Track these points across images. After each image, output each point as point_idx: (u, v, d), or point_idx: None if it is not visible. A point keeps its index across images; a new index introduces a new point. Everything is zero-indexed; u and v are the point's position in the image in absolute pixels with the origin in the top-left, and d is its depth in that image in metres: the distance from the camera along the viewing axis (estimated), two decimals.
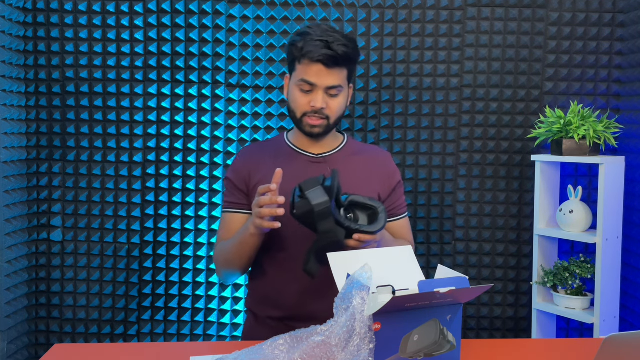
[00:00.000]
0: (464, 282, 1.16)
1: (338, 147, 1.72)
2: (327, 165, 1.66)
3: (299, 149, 1.70)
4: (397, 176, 1.74)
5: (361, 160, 1.72)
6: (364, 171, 1.69)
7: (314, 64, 1.56)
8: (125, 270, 2.53)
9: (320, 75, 1.57)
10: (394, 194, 1.72)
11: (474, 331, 2.59)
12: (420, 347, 1.13)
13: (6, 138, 2.32)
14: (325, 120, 1.61)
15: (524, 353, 1.43)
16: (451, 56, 2.51)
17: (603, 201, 2.21)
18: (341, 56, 1.56)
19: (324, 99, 1.58)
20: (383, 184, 1.70)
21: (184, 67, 2.49)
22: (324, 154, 1.69)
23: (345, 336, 1.08)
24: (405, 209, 1.77)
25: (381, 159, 1.75)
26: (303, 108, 1.61)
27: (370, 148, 1.80)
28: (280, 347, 1.15)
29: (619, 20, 2.48)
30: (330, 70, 1.57)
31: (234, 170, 1.71)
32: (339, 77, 1.59)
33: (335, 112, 1.62)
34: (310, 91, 1.59)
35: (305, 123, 1.62)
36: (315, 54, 1.54)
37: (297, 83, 1.60)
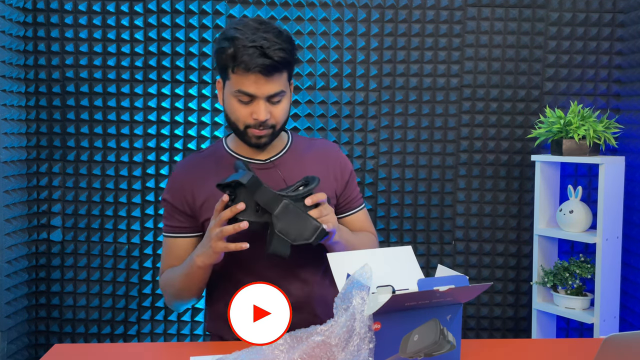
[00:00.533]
0: (463, 281, 1.16)
1: (285, 148, 1.56)
2: (277, 169, 1.51)
3: (242, 157, 1.52)
4: (348, 167, 1.61)
5: (311, 157, 1.57)
6: (317, 168, 1.55)
7: (250, 74, 1.37)
8: (125, 270, 2.53)
9: (259, 85, 1.39)
10: (348, 187, 1.59)
11: (474, 331, 2.59)
12: (420, 347, 1.13)
13: (6, 138, 2.32)
14: (271, 130, 1.45)
15: (524, 353, 1.43)
16: (451, 56, 2.51)
17: (603, 201, 2.21)
18: (279, 63, 1.37)
19: (267, 108, 1.42)
20: (337, 178, 1.57)
21: (184, 67, 2.49)
22: (272, 158, 1.53)
23: (345, 336, 1.08)
24: (361, 200, 1.64)
25: (330, 151, 1.60)
26: (245, 120, 1.43)
27: (317, 142, 1.63)
28: (280, 347, 1.14)
29: (619, 20, 2.48)
30: (270, 78, 1.39)
31: (171, 189, 1.53)
32: (280, 83, 1.41)
33: (281, 118, 1.46)
34: (249, 102, 1.41)
35: (250, 135, 1.45)
36: (251, 64, 1.36)
37: (234, 94, 1.42)
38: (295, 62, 1.47)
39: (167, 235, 1.55)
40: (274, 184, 1.48)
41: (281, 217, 1.31)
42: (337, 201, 1.59)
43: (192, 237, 1.52)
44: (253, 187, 1.28)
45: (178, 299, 1.52)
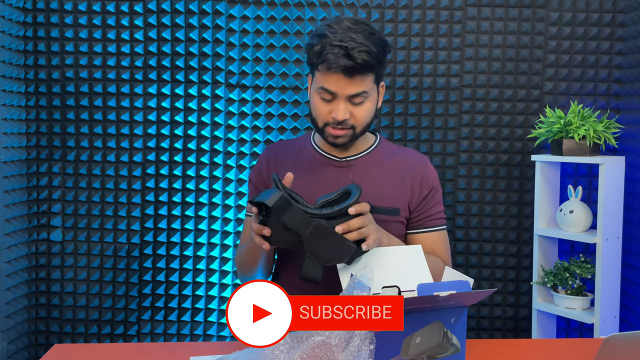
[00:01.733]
0: (465, 286, 1.15)
1: (366, 151, 1.55)
2: (349, 170, 1.51)
3: (322, 151, 1.54)
4: (431, 182, 1.54)
5: (390, 165, 1.54)
6: (392, 177, 1.52)
7: (332, 73, 1.38)
8: (125, 270, 2.53)
9: (341, 85, 1.39)
10: (425, 203, 1.53)
11: (474, 331, 2.59)
12: (422, 349, 1.12)
13: (6, 138, 2.32)
14: (351, 130, 1.45)
15: (524, 353, 1.43)
16: (451, 56, 2.51)
17: (603, 201, 2.21)
18: (361, 65, 1.37)
19: (347, 108, 1.41)
20: (414, 190, 1.52)
21: (184, 67, 2.49)
22: (348, 158, 1.53)
23: (346, 337, 1.08)
24: (439, 222, 1.55)
25: (414, 164, 1.54)
26: (324, 118, 1.44)
27: (404, 152, 1.58)
28: (280, 347, 1.14)
29: (619, 20, 2.48)
30: (352, 78, 1.38)
31: (255, 170, 1.60)
32: (363, 84, 1.40)
33: (362, 120, 1.44)
34: (331, 100, 1.42)
35: (327, 133, 1.46)
36: (333, 63, 1.36)
37: (317, 90, 1.43)
38: (383, 64, 1.44)
39: (247, 215, 1.60)
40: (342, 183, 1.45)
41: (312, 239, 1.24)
42: (410, 215, 1.53)
43: None
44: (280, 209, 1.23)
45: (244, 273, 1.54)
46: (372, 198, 1.40)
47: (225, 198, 2.52)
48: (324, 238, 1.24)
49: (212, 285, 2.54)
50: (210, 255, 2.54)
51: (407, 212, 1.53)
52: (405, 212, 1.52)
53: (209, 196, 2.52)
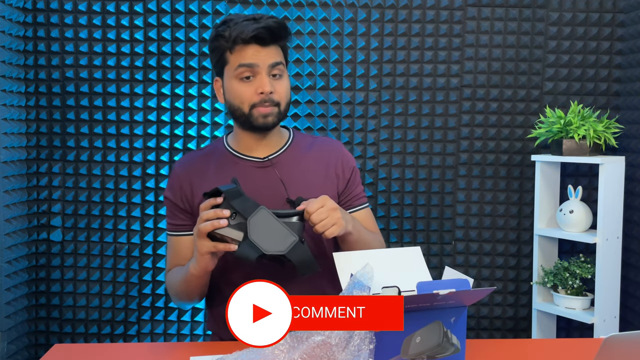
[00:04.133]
0: (465, 284, 1.15)
1: (284, 146, 1.55)
2: (273, 168, 1.50)
3: (241, 155, 1.52)
4: (350, 164, 1.58)
5: (311, 156, 1.55)
6: (317, 168, 1.54)
7: (248, 46, 1.42)
8: (125, 270, 2.53)
9: (259, 54, 1.43)
10: (349, 185, 1.57)
11: (474, 331, 2.59)
12: (422, 349, 1.12)
13: (6, 138, 2.32)
14: (276, 107, 1.46)
15: (524, 353, 1.43)
16: (451, 56, 2.51)
17: (603, 201, 2.21)
18: (273, 29, 1.43)
19: (270, 82, 1.43)
20: (338, 175, 1.55)
21: (184, 67, 2.49)
22: (270, 156, 1.52)
23: (346, 336, 1.08)
24: (364, 199, 1.60)
25: (332, 149, 1.58)
26: (250, 99, 1.44)
27: (319, 140, 1.61)
28: (280, 347, 1.14)
29: (619, 20, 2.48)
30: (267, 48, 1.43)
31: (171, 187, 1.54)
32: (278, 54, 1.46)
33: (284, 95, 1.47)
34: (252, 76, 1.43)
35: (257, 115, 1.45)
36: (246, 33, 1.41)
37: (235, 72, 1.44)
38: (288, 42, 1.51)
39: (170, 234, 1.55)
40: (271, 183, 1.48)
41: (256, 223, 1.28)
42: (339, 199, 1.56)
43: None
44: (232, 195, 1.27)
45: (180, 300, 1.54)
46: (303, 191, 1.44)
47: None
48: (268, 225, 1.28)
49: None
50: None
51: (336, 198, 1.55)
52: (335, 198, 1.54)
53: None
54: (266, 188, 1.47)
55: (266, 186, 1.47)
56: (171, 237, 1.55)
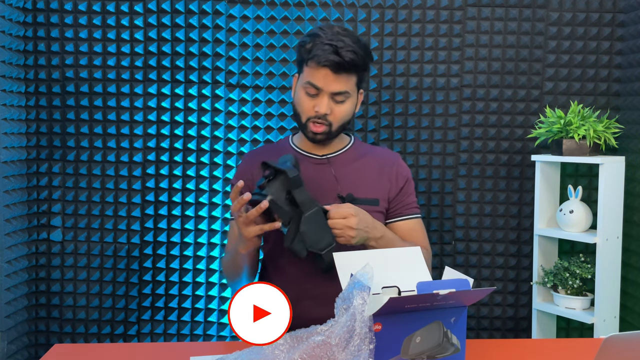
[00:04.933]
0: (465, 284, 1.15)
1: (343, 149, 1.69)
2: (330, 166, 1.64)
3: (303, 151, 1.68)
4: (404, 174, 1.69)
5: (366, 162, 1.68)
6: (371, 171, 1.66)
7: (321, 68, 1.53)
8: (125, 270, 2.53)
9: (327, 80, 1.53)
10: (401, 193, 1.67)
11: (474, 331, 2.59)
12: (422, 349, 1.12)
13: (6, 138, 2.32)
14: (328, 127, 1.58)
15: (524, 353, 1.43)
16: (451, 56, 2.51)
17: (603, 201, 2.21)
18: (348, 63, 1.51)
19: (329, 104, 1.55)
20: (391, 182, 1.66)
21: (184, 67, 2.49)
22: (327, 155, 1.67)
23: (346, 336, 1.08)
24: (415, 210, 1.70)
25: (388, 159, 1.70)
26: (308, 113, 1.58)
27: (377, 150, 1.75)
28: (280, 347, 1.14)
29: (619, 20, 2.48)
30: (338, 75, 1.53)
31: (238, 175, 1.71)
32: (347, 84, 1.55)
33: (339, 118, 1.59)
34: (315, 95, 1.56)
35: (308, 129, 1.59)
36: (322, 58, 1.50)
37: (304, 85, 1.57)
38: (366, 70, 1.61)
39: (231, 219, 1.71)
40: (325, 179, 1.61)
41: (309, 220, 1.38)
42: (389, 206, 1.66)
43: None
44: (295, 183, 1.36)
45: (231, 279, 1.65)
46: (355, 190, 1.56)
47: (225, 198, 2.52)
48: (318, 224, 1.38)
49: (212, 285, 2.54)
50: (210, 255, 2.54)
51: (386, 203, 1.66)
52: (385, 202, 1.65)
53: (209, 196, 2.52)
54: (321, 183, 1.60)
55: (321, 181, 1.61)
56: (231, 221, 1.69)
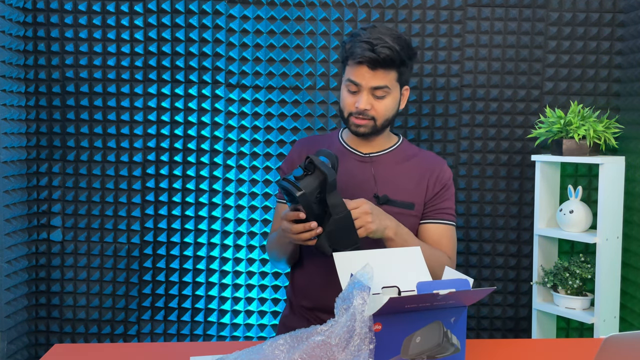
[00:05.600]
0: (465, 284, 1.15)
1: (389, 149, 1.72)
2: (371, 165, 1.67)
3: (349, 147, 1.71)
4: (445, 180, 1.70)
5: (409, 165, 1.70)
6: (411, 175, 1.68)
7: (358, 65, 1.58)
8: (125, 270, 2.53)
9: (365, 76, 1.58)
10: (437, 197, 1.68)
11: (474, 331, 2.59)
12: (422, 349, 1.12)
13: (6, 138, 2.32)
14: (372, 121, 1.62)
15: (524, 353, 1.43)
16: (451, 56, 2.51)
17: (603, 201, 2.21)
18: (384, 59, 1.56)
19: (369, 100, 1.59)
20: (429, 186, 1.67)
21: (184, 67, 2.49)
22: (371, 154, 1.70)
23: (346, 336, 1.08)
24: (448, 217, 1.69)
25: (431, 164, 1.71)
26: (349, 108, 1.63)
27: (423, 153, 1.76)
28: (280, 347, 1.14)
29: (619, 20, 2.48)
30: (375, 71, 1.57)
31: (287, 160, 1.76)
32: (385, 79, 1.59)
33: (382, 113, 1.62)
34: (356, 92, 1.60)
35: (351, 122, 1.64)
36: (358, 55, 1.56)
37: (345, 83, 1.62)
38: (406, 65, 1.62)
39: (278, 201, 1.77)
40: (365, 178, 1.65)
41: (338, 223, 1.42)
42: (424, 208, 1.68)
43: None
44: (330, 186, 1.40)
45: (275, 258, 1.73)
46: (392, 192, 1.60)
47: (225, 198, 2.52)
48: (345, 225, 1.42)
49: (212, 285, 2.54)
50: (210, 255, 2.54)
51: (422, 208, 1.68)
52: (421, 207, 1.67)
53: (209, 196, 2.52)
54: (360, 181, 1.64)
55: (360, 179, 1.65)
56: (278, 203, 1.77)
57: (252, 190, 2.52)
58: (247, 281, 2.54)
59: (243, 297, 2.54)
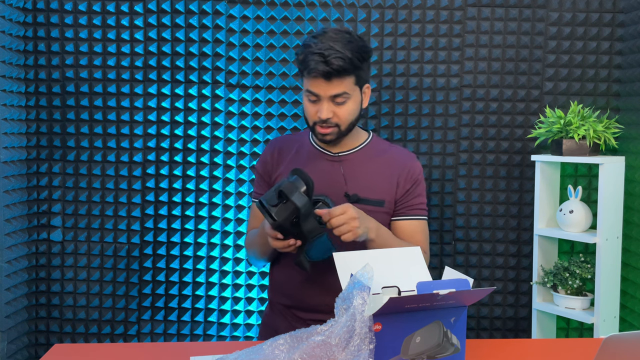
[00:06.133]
0: (465, 284, 1.15)
1: (358, 147, 1.73)
2: (341, 165, 1.69)
3: (319, 147, 1.73)
4: (414, 177, 1.71)
5: (379, 162, 1.71)
6: (382, 172, 1.69)
7: (314, 78, 1.58)
8: (125, 270, 2.53)
9: (322, 87, 1.58)
10: (408, 194, 1.70)
11: (474, 331, 2.59)
12: (422, 349, 1.12)
13: (6, 138, 2.32)
14: (336, 128, 1.63)
15: (524, 353, 1.43)
16: (451, 56, 2.51)
17: (603, 201, 2.21)
18: (337, 70, 1.55)
19: (330, 108, 1.60)
20: (399, 183, 1.69)
21: (184, 67, 2.49)
22: (340, 153, 1.71)
23: (346, 336, 1.08)
24: (420, 212, 1.72)
25: (401, 160, 1.73)
26: (312, 117, 1.63)
27: (393, 149, 1.77)
28: (280, 347, 1.15)
29: (619, 20, 2.48)
30: (331, 81, 1.57)
31: (262, 161, 1.78)
32: (342, 86, 1.59)
33: (345, 118, 1.62)
34: (316, 101, 1.61)
35: (316, 131, 1.65)
36: (313, 69, 1.56)
37: (305, 93, 1.63)
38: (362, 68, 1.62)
39: (253, 200, 1.79)
40: (335, 177, 1.67)
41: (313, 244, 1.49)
42: (395, 206, 1.70)
43: None
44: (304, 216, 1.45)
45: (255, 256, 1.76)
46: (362, 190, 1.61)
47: (225, 198, 2.52)
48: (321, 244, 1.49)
49: (212, 285, 2.54)
50: (210, 255, 2.54)
51: (393, 204, 1.70)
52: (391, 204, 1.69)
53: (209, 196, 2.52)
54: (330, 180, 1.66)
55: (331, 179, 1.67)
56: (253, 203, 1.79)
57: (252, 190, 2.52)
58: (247, 281, 2.54)
59: (243, 297, 2.54)
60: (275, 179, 1.71)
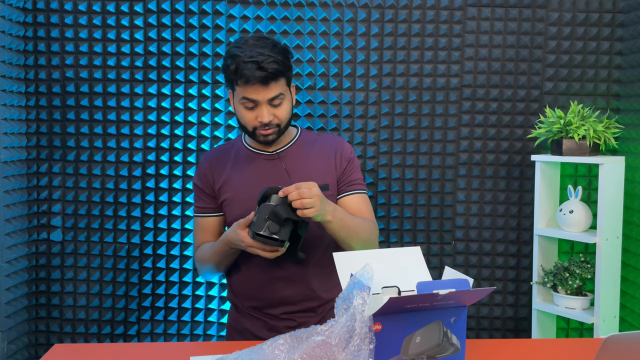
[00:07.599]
0: (465, 284, 1.15)
1: (291, 142, 1.78)
2: (281, 161, 1.74)
3: (255, 150, 1.77)
4: (348, 155, 1.78)
5: (315, 150, 1.78)
6: (318, 160, 1.76)
7: (251, 86, 1.62)
8: (125, 270, 2.53)
9: (260, 92, 1.62)
10: (345, 172, 1.77)
11: (474, 331, 2.59)
12: (422, 349, 1.12)
13: (6, 138, 2.32)
14: (277, 128, 1.68)
15: (524, 353, 1.43)
16: (451, 56, 2.51)
17: (603, 201, 2.21)
18: (274, 73, 1.61)
19: (269, 111, 1.65)
20: (337, 166, 1.76)
21: (184, 67, 2.49)
22: (277, 151, 1.76)
23: (346, 336, 1.08)
24: (358, 186, 1.79)
25: (333, 145, 1.79)
26: (252, 123, 1.67)
27: (323, 137, 1.84)
28: (280, 347, 1.15)
29: (619, 20, 2.48)
30: (267, 85, 1.62)
31: (199, 176, 1.80)
32: (277, 87, 1.64)
33: (284, 117, 1.68)
34: (254, 107, 1.65)
35: (258, 135, 1.68)
36: (250, 77, 1.60)
37: (240, 101, 1.65)
38: (291, 69, 1.69)
39: (197, 215, 1.81)
40: (277, 174, 1.72)
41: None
42: (337, 186, 1.77)
43: (217, 217, 1.78)
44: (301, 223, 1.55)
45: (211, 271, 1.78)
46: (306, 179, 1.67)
47: None
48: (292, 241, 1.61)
49: (212, 285, 2.54)
50: None
51: (336, 186, 1.77)
52: (334, 186, 1.76)
53: None
54: (274, 177, 1.71)
55: (274, 177, 1.71)
56: (198, 218, 1.81)
57: None
58: None
59: None
60: (218, 189, 1.75)
